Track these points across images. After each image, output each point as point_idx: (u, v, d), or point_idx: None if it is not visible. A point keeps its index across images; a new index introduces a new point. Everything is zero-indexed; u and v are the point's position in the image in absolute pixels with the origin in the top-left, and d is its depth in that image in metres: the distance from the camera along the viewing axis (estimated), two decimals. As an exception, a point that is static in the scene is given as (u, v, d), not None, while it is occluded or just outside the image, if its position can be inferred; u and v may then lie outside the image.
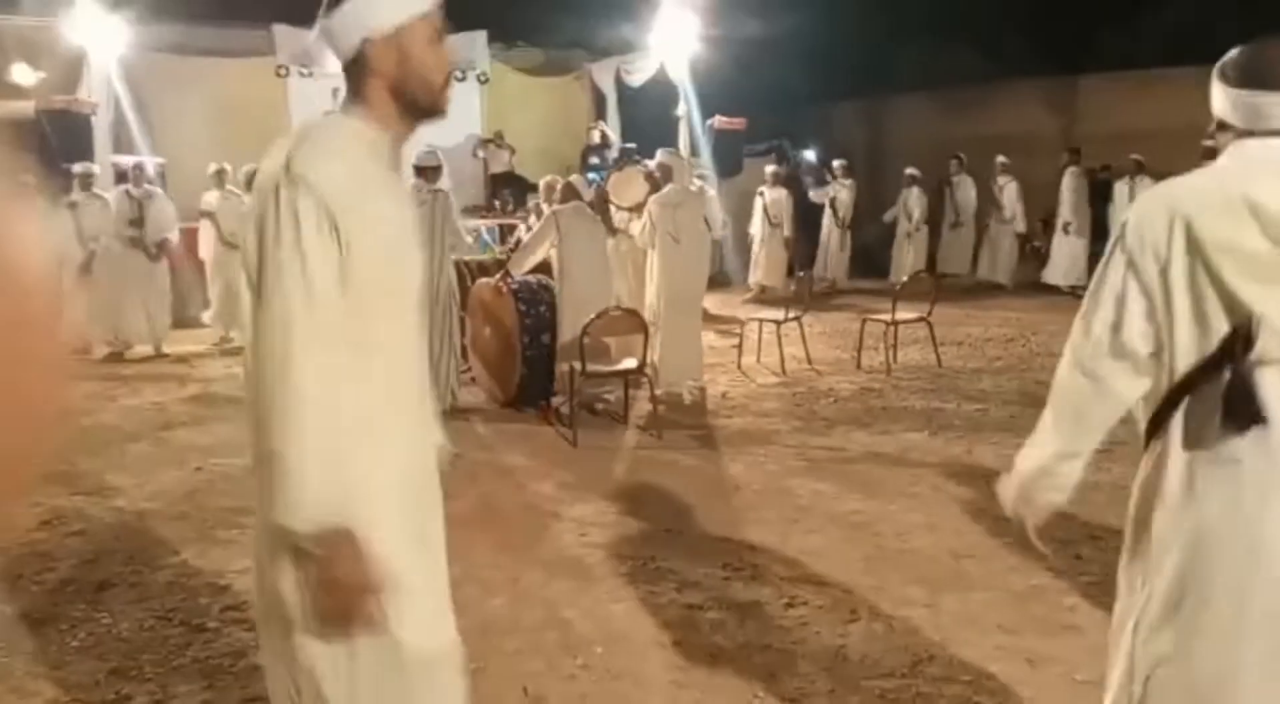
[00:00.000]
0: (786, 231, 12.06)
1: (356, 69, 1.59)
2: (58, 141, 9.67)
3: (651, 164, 7.42)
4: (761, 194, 11.97)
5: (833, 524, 4.23)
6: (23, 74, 11.31)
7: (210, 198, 9.24)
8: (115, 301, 8.55)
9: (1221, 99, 1.74)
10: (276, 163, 1.51)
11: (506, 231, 10.75)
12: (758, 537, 4.09)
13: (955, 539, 4.03)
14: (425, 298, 1.73)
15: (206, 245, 9.32)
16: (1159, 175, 10.14)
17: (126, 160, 9.39)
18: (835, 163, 12.72)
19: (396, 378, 1.62)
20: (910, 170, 12.22)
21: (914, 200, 12.23)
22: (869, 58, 15.57)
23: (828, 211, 12.63)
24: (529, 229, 9.10)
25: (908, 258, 12.18)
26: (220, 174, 9.21)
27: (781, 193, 11.98)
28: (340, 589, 1.48)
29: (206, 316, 9.43)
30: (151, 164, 9.57)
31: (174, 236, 9.08)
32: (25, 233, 0.67)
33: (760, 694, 2.83)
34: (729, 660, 3.04)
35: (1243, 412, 1.60)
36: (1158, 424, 1.74)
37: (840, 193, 12.57)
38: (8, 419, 0.66)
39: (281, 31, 11.65)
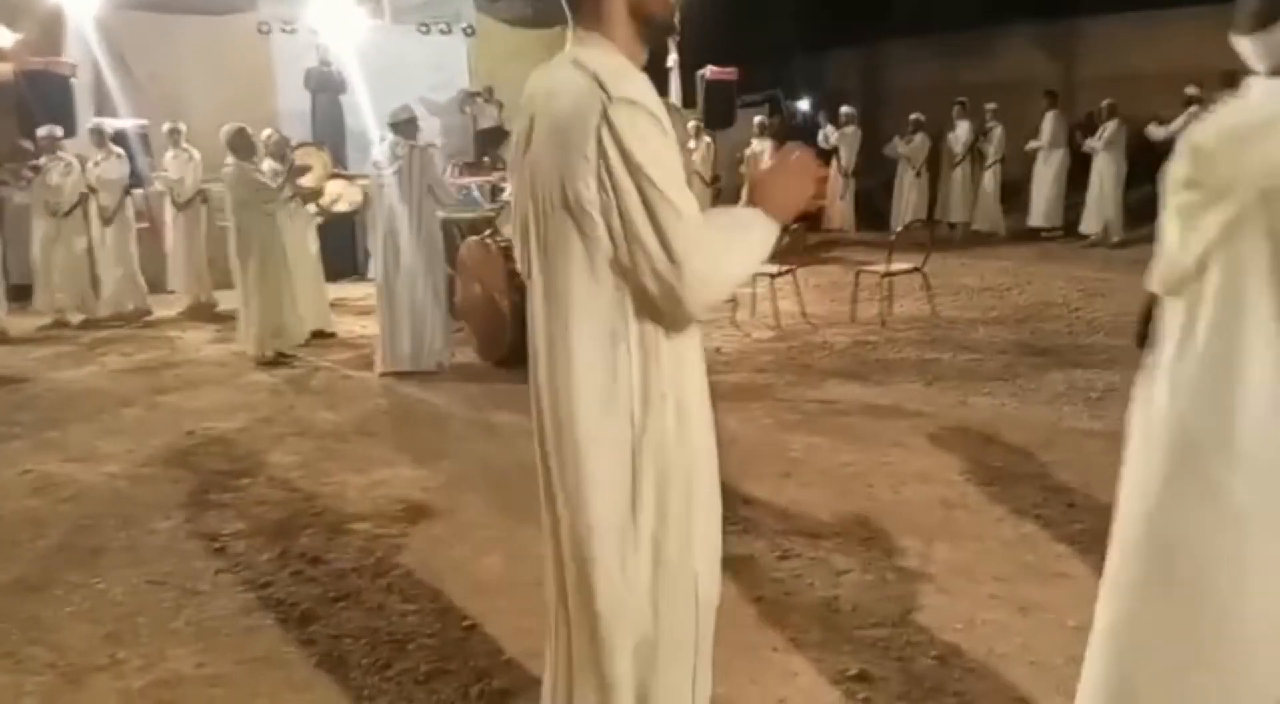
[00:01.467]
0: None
1: None
2: (36, 104, 9.50)
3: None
4: (750, 146, 11.86)
5: (826, 477, 4.23)
6: (0, 36, 11.10)
7: (166, 159, 9.06)
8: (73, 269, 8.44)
9: (1247, 47, 1.72)
10: (579, 95, 1.51)
11: (496, 189, 10.65)
12: (752, 491, 4.09)
13: (948, 489, 4.03)
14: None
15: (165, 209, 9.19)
16: (1139, 121, 10.09)
17: (107, 123, 9.21)
18: (842, 109, 12.54)
19: None
20: (915, 115, 12.06)
21: (917, 146, 12.10)
22: (864, 2, 15.29)
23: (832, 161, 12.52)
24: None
25: (910, 206, 12.09)
26: (175, 133, 9.03)
27: (769, 144, 11.86)
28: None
29: (173, 282, 9.31)
30: (133, 126, 9.40)
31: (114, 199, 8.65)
32: None
33: (754, 645, 2.85)
34: (721, 613, 3.04)
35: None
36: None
37: (843, 141, 12.44)
38: None
39: (263, -13, 11.43)
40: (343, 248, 10.00)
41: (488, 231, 6.58)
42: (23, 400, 5.91)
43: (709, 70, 12.00)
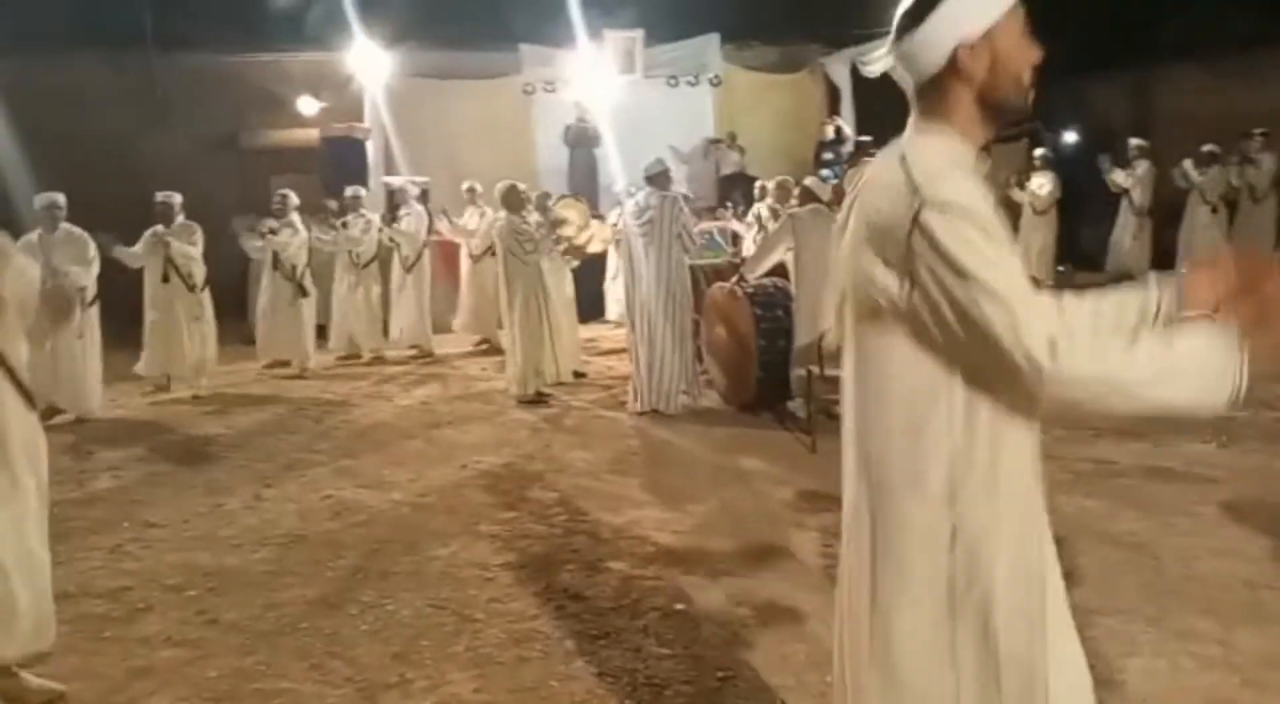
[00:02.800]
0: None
1: (942, 81, 1.51)
2: (336, 165, 10.76)
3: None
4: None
5: (1104, 544, 3.90)
6: (307, 105, 12.70)
7: (466, 215, 9.86)
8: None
9: None
10: (895, 194, 1.45)
11: (738, 235, 10.79)
12: (1017, 555, 3.85)
13: (1250, 567, 3.60)
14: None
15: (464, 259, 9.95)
16: None
17: (395, 181, 10.25)
18: (1132, 142, 11.60)
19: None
20: (1209, 147, 10.94)
21: (1212, 181, 10.88)
22: (1128, 24, 14.16)
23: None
24: (749, 230, 9.09)
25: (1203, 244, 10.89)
26: (471, 192, 9.81)
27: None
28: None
29: (456, 323, 10.07)
30: (413, 184, 10.38)
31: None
32: None
33: None
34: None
35: None
36: None
37: (1136, 181, 11.48)
38: None
39: (528, 51, 12.33)
40: (589, 291, 10.50)
41: (735, 278, 6.67)
42: (324, 430, 6.64)
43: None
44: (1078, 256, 11.83)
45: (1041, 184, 11.38)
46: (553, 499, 4.92)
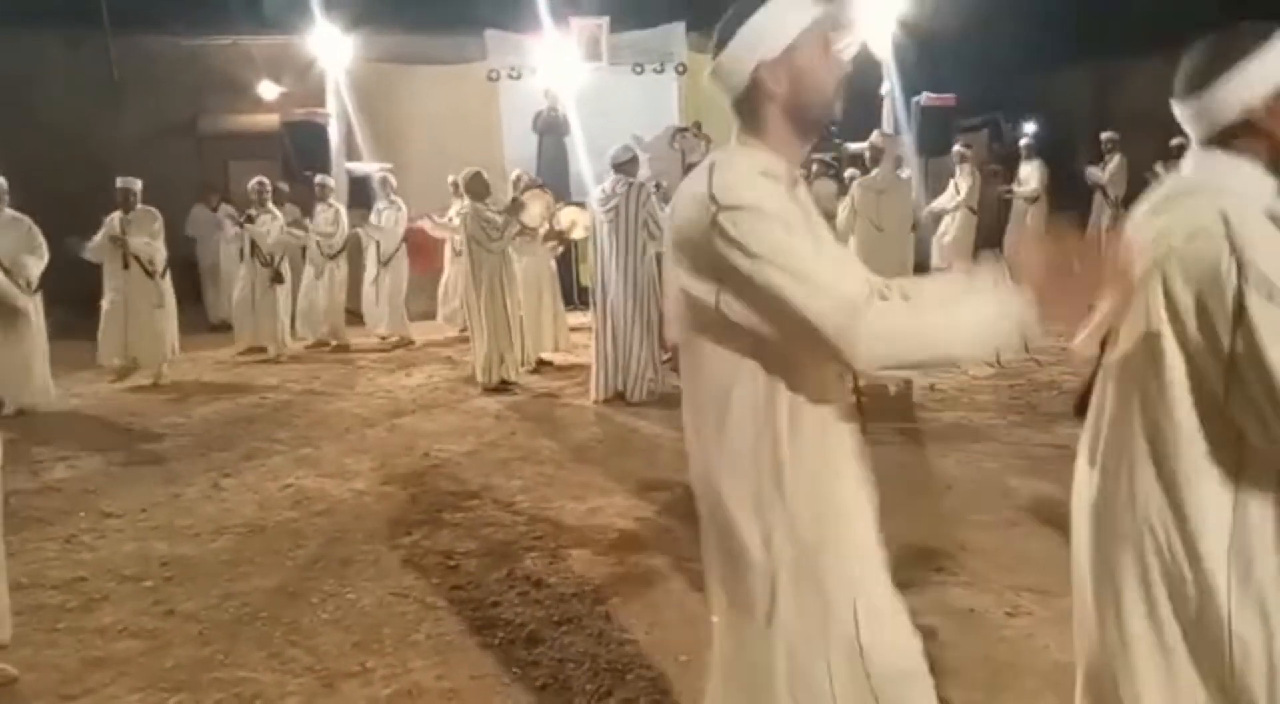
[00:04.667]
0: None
1: (750, 98, 1.60)
2: (297, 151, 10.60)
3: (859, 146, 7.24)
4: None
5: (1058, 528, 3.96)
6: (268, 89, 12.51)
7: (453, 209, 9.74)
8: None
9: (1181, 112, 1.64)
10: (697, 205, 1.52)
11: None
12: (973, 538, 3.91)
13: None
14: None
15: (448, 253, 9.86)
16: None
17: (359, 168, 10.12)
18: (1104, 136, 11.72)
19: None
20: (1109, 134, 11.11)
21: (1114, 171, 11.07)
22: (1090, 18, 14.35)
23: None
24: None
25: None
26: (456, 185, 9.71)
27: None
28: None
29: (441, 314, 9.98)
30: (377, 171, 10.27)
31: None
32: None
33: (981, 708, 2.72)
34: (949, 672, 2.93)
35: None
36: None
37: (1111, 173, 11.63)
38: None
39: (493, 37, 12.22)
40: (563, 279, 10.45)
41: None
42: (284, 419, 6.57)
43: (924, 97, 11.67)
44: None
45: (1029, 174, 11.47)
46: (516, 487, 4.92)
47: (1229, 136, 1.56)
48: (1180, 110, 1.62)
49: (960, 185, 11.53)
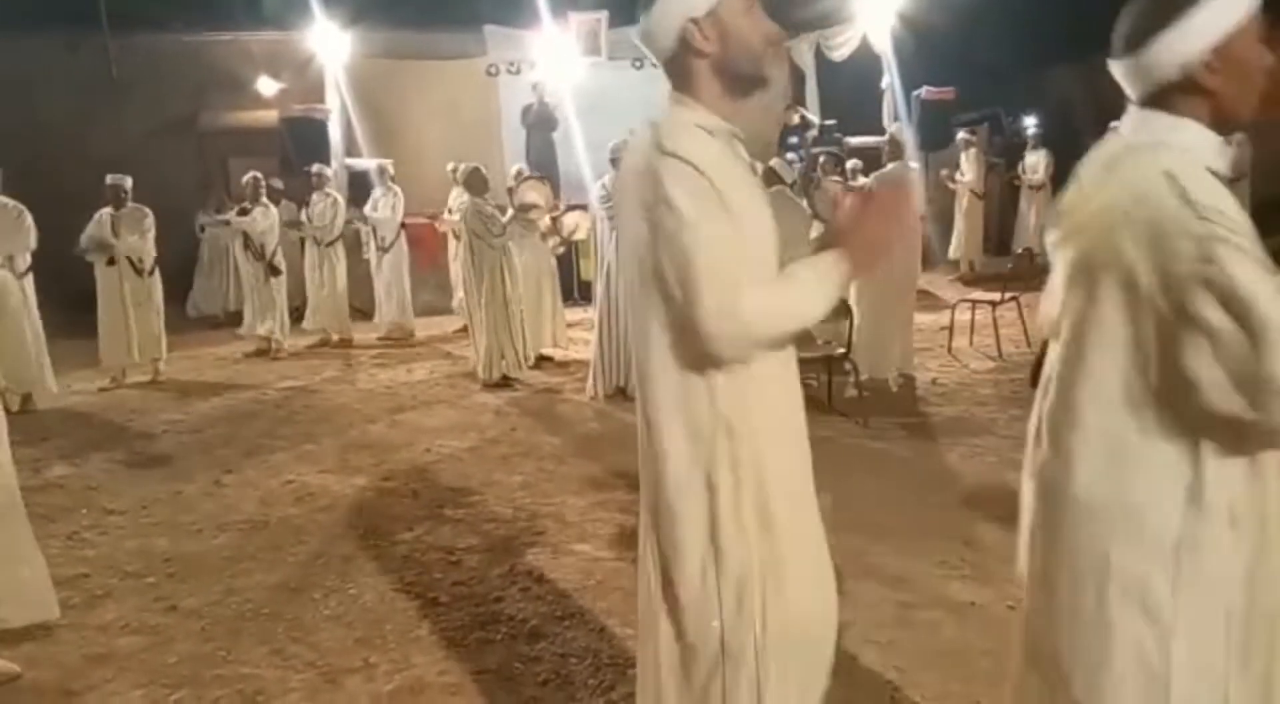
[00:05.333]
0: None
1: (680, 57, 1.64)
2: (296, 146, 10.61)
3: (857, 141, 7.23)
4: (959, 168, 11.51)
5: (1059, 522, 3.97)
6: (267, 85, 12.50)
7: (451, 196, 9.72)
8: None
9: (1119, 71, 1.62)
10: (643, 154, 1.59)
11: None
12: (975, 532, 3.91)
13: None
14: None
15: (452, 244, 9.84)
16: None
17: (357, 163, 10.12)
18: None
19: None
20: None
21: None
22: (1089, 15, 14.34)
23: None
24: None
25: None
26: (455, 173, 9.71)
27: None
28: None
29: (454, 303, 9.92)
30: (375, 165, 10.27)
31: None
32: None
33: (984, 700, 2.72)
34: (951, 664, 2.94)
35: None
36: None
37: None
38: None
39: (492, 32, 12.21)
40: (563, 275, 10.45)
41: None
42: (285, 415, 6.57)
43: (925, 91, 11.66)
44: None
45: (1036, 162, 11.57)
46: (517, 482, 4.92)
47: (1168, 95, 1.52)
48: (1118, 70, 1.58)
49: (966, 170, 11.56)
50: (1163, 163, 1.45)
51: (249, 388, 7.49)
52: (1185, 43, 1.47)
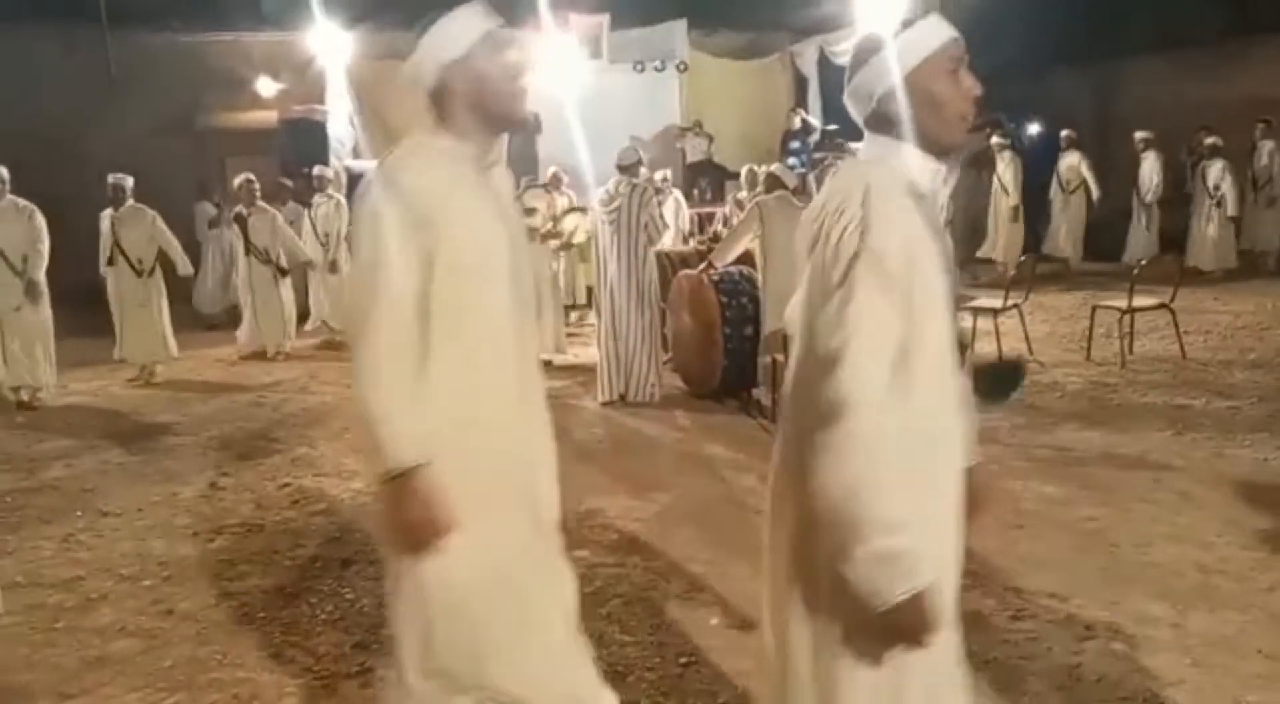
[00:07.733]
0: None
1: (439, 94, 1.90)
2: (295, 147, 10.59)
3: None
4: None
5: (1062, 531, 3.96)
6: (266, 86, 12.49)
7: None
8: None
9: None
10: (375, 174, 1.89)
11: (705, 221, 10.78)
12: (977, 542, 3.87)
13: (1203, 553, 3.67)
14: (520, 293, 1.97)
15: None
16: None
17: (358, 165, 10.10)
18: (1137, 136, 11.70)
19: (489, 368, 1.93)
20: (1212, 140, 10.75)
21: (1217, 173, 10.65)
22: (1092, 20, 14.34)
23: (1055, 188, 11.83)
24: (726, 219, 9.13)
25: (1209, 237, 10.75)
26: None
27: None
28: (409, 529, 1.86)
29: None
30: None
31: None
32: None
33: (986, 710, 2.69)
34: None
35: None
36: None
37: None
38: None
39: (492, 33, 12.17)
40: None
41: (702, 266, 6.66)
42: (282, 418, 6.54)
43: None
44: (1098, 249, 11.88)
45: (1070, 164, 11.56)
46: (516, 487, 4.88)
47: (878, 120, 1.66)
48: (845, 97, 1.73)
49: (1004, 177, 11.40)
50: (868, 176, 1.59)
51: (247, 390, 7.45)
52: (878, 77, 1.66)
